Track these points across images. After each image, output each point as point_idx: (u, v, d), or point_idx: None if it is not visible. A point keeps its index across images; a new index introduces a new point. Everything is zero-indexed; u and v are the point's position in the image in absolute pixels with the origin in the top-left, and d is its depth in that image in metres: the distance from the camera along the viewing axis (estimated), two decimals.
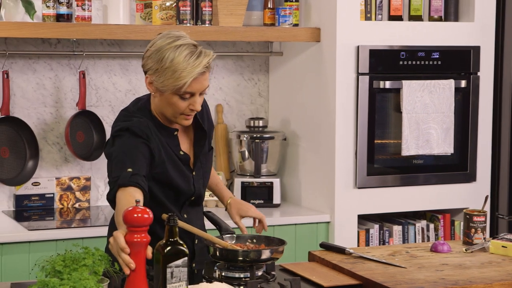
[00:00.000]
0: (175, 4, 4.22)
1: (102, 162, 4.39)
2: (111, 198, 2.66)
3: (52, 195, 4.30)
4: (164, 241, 2.44)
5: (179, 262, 2.43)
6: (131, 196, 2.57)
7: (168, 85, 2.78)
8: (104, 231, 3.82)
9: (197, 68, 2.76)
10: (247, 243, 2.90)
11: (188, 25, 4.18)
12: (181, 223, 2.75)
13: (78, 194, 4.35)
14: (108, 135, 4.34)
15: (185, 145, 2.99)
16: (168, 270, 2.41)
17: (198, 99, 2.83)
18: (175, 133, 2.95)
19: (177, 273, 2.43)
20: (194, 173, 2.99)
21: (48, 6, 3.99)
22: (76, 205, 4.35)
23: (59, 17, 4.01)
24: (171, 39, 2.80)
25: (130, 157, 2.73)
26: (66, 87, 4.34)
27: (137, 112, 2.92)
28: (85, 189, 4.36)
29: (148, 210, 2.45)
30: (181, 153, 2.95)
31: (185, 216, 3.00)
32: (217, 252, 2.75)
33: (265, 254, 2.73)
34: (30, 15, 4.02)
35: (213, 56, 2.81)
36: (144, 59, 2.85)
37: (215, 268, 2.78)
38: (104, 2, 4.24)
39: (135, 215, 2.42)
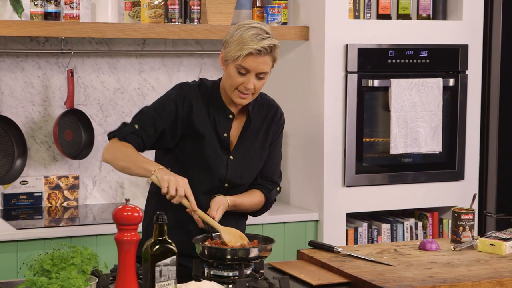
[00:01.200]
0: (163, 2, 4.21)
1: (90, 160, 4.38)
2: (109, 136, 3.07)
3: (40, 194, 4.29)
4: (152, 240, 2.44)
5: (167, 260, 2.43)
6: (123, 146, 2.99)
7: (230, 55, 2.95)
8: (92, 230, 3.84)
9: (256, 45, 2.92)
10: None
11: (177, 23, 4.18)
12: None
13: (66, 192, 4.34)
14: (96, 133, 4.34)
15: (234, 130, 3.09)
16: (157, 269, 2.41)
17: (252, 79, 2.95)
18: (230, 116, 3.06)
19: (165, 271, 2.43)
20: (231, 157, 3.05)
21: (36, 5, 3.98)
22: (65, 204, 4.34)
23: (47, 16, 4.00)
24: (250, 22, 3.01)
25: (151, 116, 3.02)
26: (54, 86, 4.33)
27: (211, 82, 3.12)
28: (74, 187, 4.35)
29: (138, 208, 2.45)
30: (225, 135, 3.04)
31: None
32: (206, 251, 2.74)
33: (253, 252, 2.73)
34: (18, 14, 4.01)
35: (277, 45, 2.98)
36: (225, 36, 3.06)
37: (204, 266, 2.78)
38: (93, 1, 4.23)
39: (125, 214, 2.42)
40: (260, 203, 3.15)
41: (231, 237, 2.86)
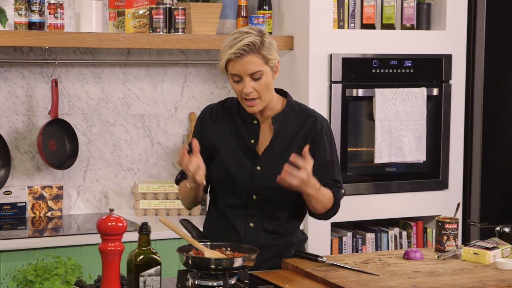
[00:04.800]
0: (148, 12, 4.21)
1: (74, 170, 4.37)
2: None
3: (24, 204, 4.27)
4: (137, 250, 2.44)
5: (152, 271, 2.43)
6: (180, 189, 3.11)
7: (220, 67, 2.92)
8: (76, 240, 3.82)
9: (231, 49, 2.84)
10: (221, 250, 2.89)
11: (161, 33, 4.18)
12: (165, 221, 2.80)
13: (50, 203, 4.32)
14: (80, 143, 4.33)
15: (264, 140, 3.02)
16: (141, 279, 2.41)
17: (247, 83, 2.88)
18: (255, 121, 3.02)
19: (150, 282, 2.42)
20: (258, 167, 3.00)
21: (20, 14, 3.97)
22: (48, 214, 4.32)
23: (31, 25, 3.99)
24: (239, 29, 2.94)
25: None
26: (39, 96, 4.32)
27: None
28: (58, 198, 4.34)
29: (122, 218, 2.44)
30: (252, 141, 3.01)
31: (251, 225, 3.05)
32: (190, 261, 2.74)
33: (238, 262, 2.73)
34: (2, 23, 4.00)
35: (255, 41, 2.84)
36: None
37: (188, 276, 2.77)
38: (77, 10, 4.23)
39: (109, 224, 2.42)
40: (331, 198, 3.05)
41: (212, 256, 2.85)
